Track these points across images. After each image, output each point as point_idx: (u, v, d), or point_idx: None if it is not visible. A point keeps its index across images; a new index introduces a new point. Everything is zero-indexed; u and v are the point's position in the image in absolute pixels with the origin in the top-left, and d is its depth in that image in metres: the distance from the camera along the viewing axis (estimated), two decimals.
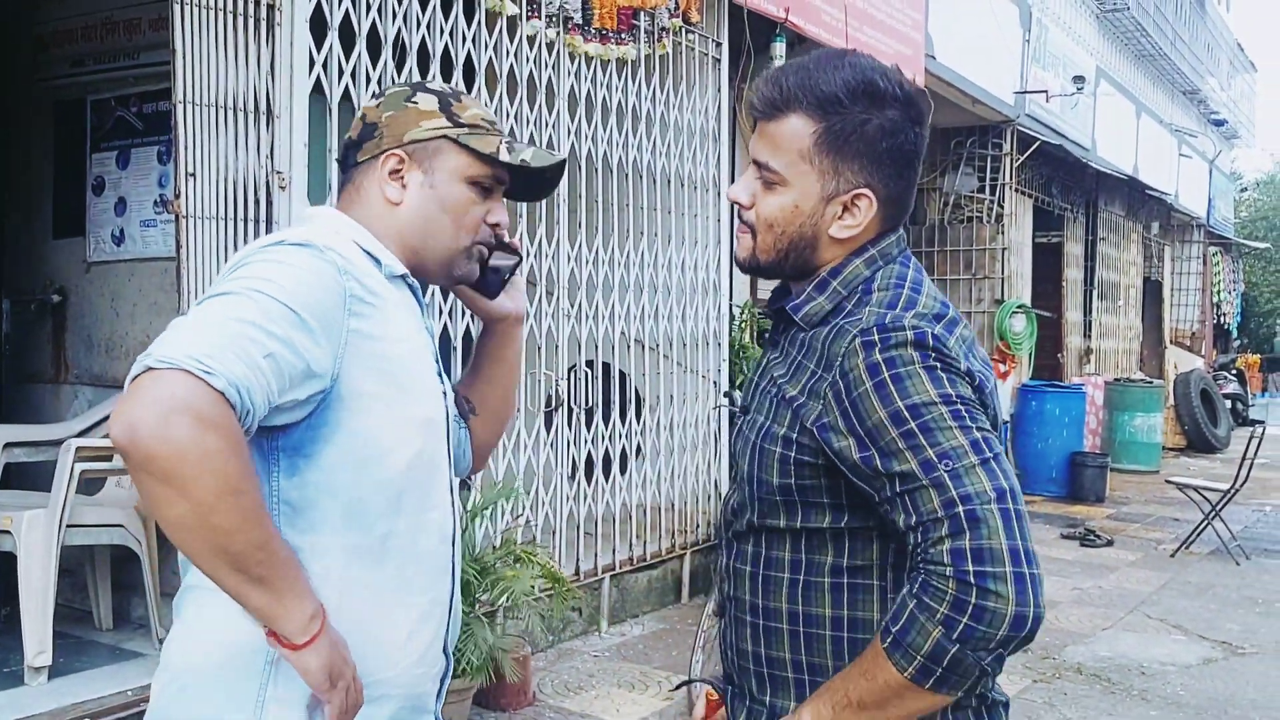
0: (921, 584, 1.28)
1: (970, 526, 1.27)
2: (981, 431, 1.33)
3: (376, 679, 1.47)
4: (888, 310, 1.40)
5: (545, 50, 5.21)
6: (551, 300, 5.37)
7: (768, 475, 1.46)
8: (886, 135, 1.43)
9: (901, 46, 7.54)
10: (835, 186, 1.45)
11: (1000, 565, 1.26)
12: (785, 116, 1.45)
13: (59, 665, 3.83)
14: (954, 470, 1.30)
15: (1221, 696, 5.03)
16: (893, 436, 1.32)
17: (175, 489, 1.23)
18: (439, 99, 1.60)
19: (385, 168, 1.58)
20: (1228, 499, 8.17)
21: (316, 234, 1.48)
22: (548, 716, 4.40)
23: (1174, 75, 16.10)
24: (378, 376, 1.44)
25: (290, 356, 1.32)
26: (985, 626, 1.26)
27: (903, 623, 1.29)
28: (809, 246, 1.48)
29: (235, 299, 1.33)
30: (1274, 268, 28.74)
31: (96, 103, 5.18)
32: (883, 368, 1.34)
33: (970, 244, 10.62)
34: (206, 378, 1.23)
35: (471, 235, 1.62)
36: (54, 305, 5.33)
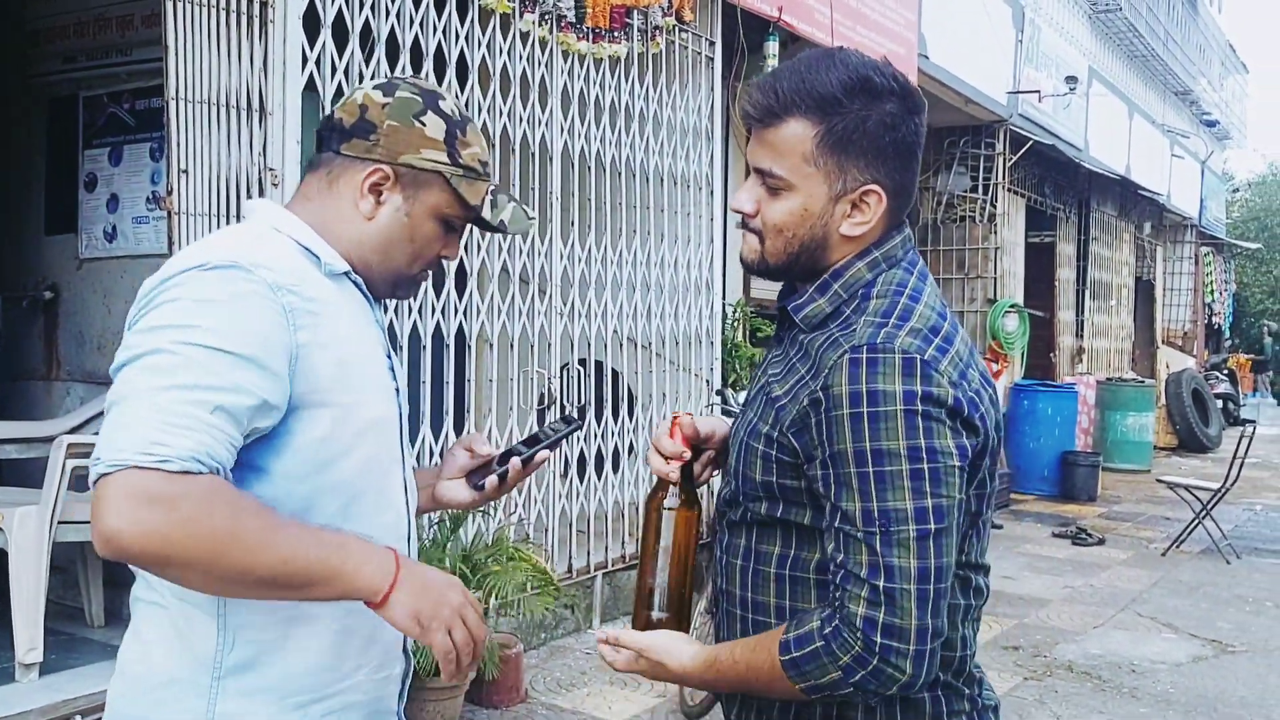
0: (834, 630, 1.34)
1: (887, 602, 1.31)
2: (936, 498, 1.33)
3: (338, 688, 1.46)
4: (881, 323, 1.39)
5: (538, 48, 5.21)
6: (544, 298, 5.38)
7: (751, 472, 1.48)
8: (888, 129, 1.42)
9: (894, 46, 7.55)
10: (842, 186, 1.44)
11: (906, 643, 1.31)
12: (784, 122, 1.43)
13: (50, 662, 3.82)
14: (888, 535, 1.32)
15: (1211, 694, 5.04)
16: (849, 472, 1.34)
17: (179, 568, 1.25)
18: (447, 128, 1.53)
19: (368, 179, 1.51)
20: (1218, 498, 8.20)
21: (244, 246, 1.41)
22: (540, 714, 4.40)
23: (1166, 76, 16.14)
24: (328, 384, 1.41)
25: (241, 399, 1.30)
26: (878, 685, 1.33)
27: (806, 653, 1.35)
28: (820, 247, 1.47)
29: (164, 360, 1.29)
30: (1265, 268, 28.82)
31: (89, 99, 5.17)
32: (864, 399, 1.33)
33: (963, 243, 10.63)
34: (161, 467, 1.23)
35: (424, 265, 1.58)
36: (46, 302, 5.32)
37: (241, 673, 1.39)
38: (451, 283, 4.87)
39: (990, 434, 1.43)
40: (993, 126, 10.33)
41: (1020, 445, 10.69)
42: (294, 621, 1.42)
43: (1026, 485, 10.63)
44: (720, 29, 6.36)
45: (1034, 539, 8.60)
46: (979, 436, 1.39)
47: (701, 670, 1.47)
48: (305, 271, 1.44)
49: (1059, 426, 10.77)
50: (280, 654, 1.41)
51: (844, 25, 6.99)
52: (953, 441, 1.34)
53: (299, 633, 1.42)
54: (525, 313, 5.26)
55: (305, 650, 1.43)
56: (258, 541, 1.26)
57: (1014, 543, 8.36)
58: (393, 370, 1.58)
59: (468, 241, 4.94)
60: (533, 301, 5.29)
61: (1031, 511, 9.84)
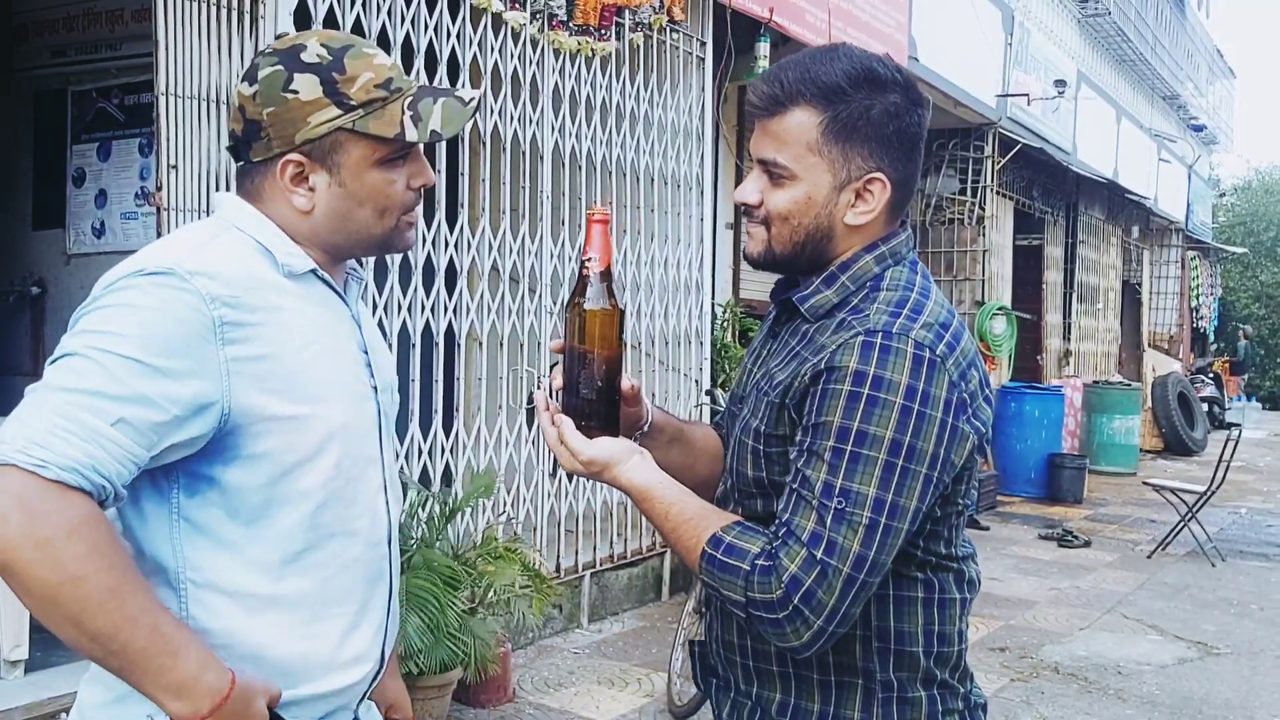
0: (765, 569, 1.34)
1: (819, 573, 1.32)
2: (899, 496, 1.34)
3: (305, 694, 1.42)
4: (896, 313, 1.40)
5: (529, 46, 5.20)
6: (534, 297, 5.37)
7: (744, 468, 1.50)
8: (892, 118, 1.44)
9: (884, 48, 7.55)
10: (847, 174, 1.45)
11: (817, 616, 1.33)
12: (789, 111, 1.44)
13: (35, 659, 3.80)
14: (841, 513, 1.33)
15: (1196, 696, 5.07)
16: (826, 445, 1.35)
17: (17, 583, 1.20)
18: (321, 78, 1.40)
19: (285, 175, 1.42)
20: (1204, 501, 8.24)
21: (190, 249, 1.35)
22: (527, 713, 4.40)
23: (1154, 80, 16.21)
24: (276, 397, 1.35)
25: (149, 412, 1.25)
26: (770, 632, 1.36)
27: (729, 563, 1.37)
28: (825, 237, 1.48)
29: (76, 363, 1.25)
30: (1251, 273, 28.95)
31: (78, 94, 5.16)
32: (867, 381, 1.34)
33: (951, 246, 10.66)
34: (38, 470, 1.18)
35: (396, 214, 1.48)
36: (33, 297, 5.30)
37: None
38: (441, 280, 4.86)
39: (980, 434, 1.44)
40: (982, 129, 10.37)
41: (1007, 447, 10.72)
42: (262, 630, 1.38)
43: (1013, 487, 10.67)
44: (711, 29, 6.36)
45: (1020, 541, 8.62)
46: (965, 441, 1.40)
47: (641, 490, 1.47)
48: (256, 276, 1.38)
49: (1046, 429, 10.81)
50: (247, 661, 1.36)
51: (835, 26, 7.00)
52: (935, 447, 1.36)
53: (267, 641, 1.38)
54: (515, 311, 5.25)
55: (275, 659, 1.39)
56: (98, 599, 1.21)
57: (1000, 544, 8.38)
58: (370, 368, 1.52)
59: (458, 240, 4.94)
60: (522, 300, 5.29)
61: (1018, 513, 9.87)
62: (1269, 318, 28.45)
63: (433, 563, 3.97)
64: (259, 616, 1.38)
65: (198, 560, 1.36)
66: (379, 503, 1.51)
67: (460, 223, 4.96)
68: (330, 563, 1.43)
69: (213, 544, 1.36)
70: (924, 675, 1.47)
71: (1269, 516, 10.40)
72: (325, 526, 1.42)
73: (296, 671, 1.41)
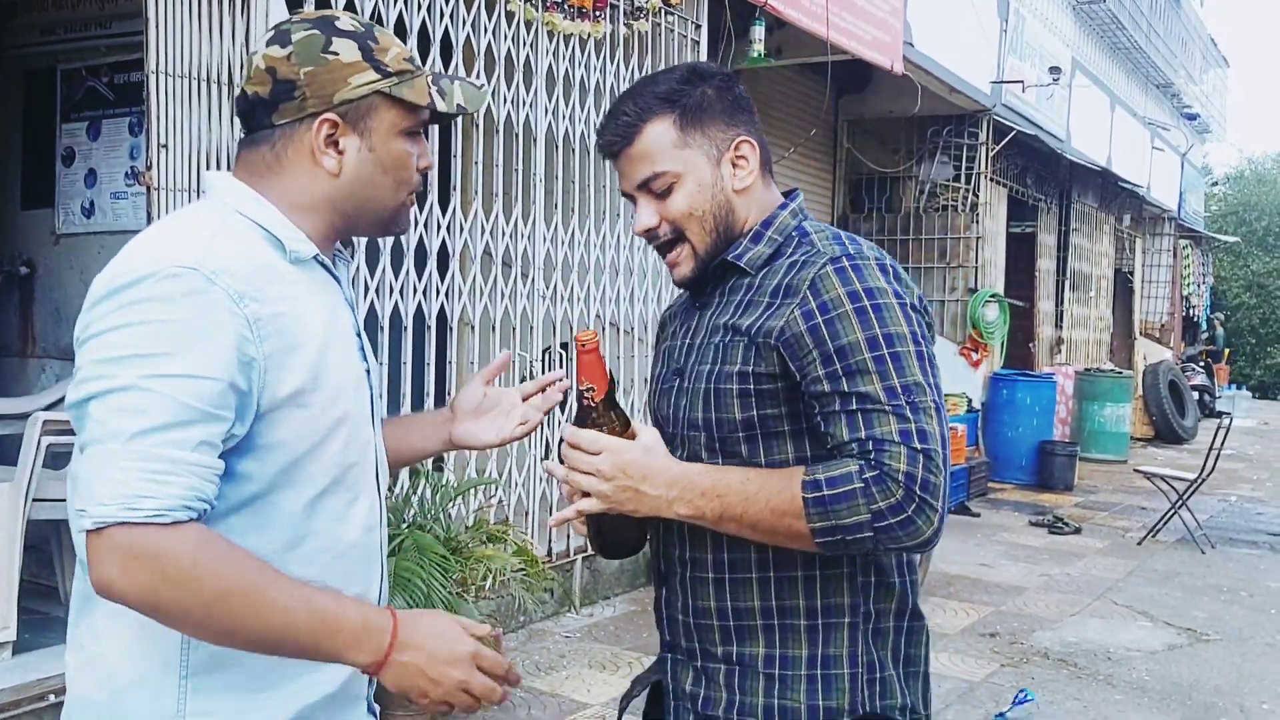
0: (875, 477, 1.40)
1: (926, 459, 1.41)
2: (935, 377, 1.48)
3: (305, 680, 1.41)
4: (841, 242, 1.55)
5: (523, 28, 5.17)
6: (526, 281, 5.35)
7: (729, 413, 1.53)
8: (727, 92, 1.61)
9: (880, 33, 7.53)
10: (717, 148, 1.59)
11: (938, 499, 1.41)
12: (643, 129, 1.57)
13: (24, 641, 3.78)
14: (915, 404, 1.43)
15: (1186, 682, 5.08)
16: (865, 358, 1.44)
17: (173, 620, 1.26)
18: (359, 45, 1.43)
19: (319, 135, 1.41)
20: (1194, 488, 8.27)
21: (203, 242, 1.32)
22: (518, 696, 4.40)
23: (1148, 69, 16.21)
24: (294, 386, 1.35)
25: (217, 427, 1.27)
26: (904, 534, 1.41)
27: (840, 491, 1.41)
28: (728, 212, 1.60)
29: (137, 399, 1.23)
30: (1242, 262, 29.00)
31: (67, 72, 5.10)
32: (863, 296, 1.47)
33: (945, 233, 10.65)
34: (152, 521, 1.21)
35: (408, 189, 1.50)
36: (22, 278, 5.26)
37: (210, 671, 1.35)
38: (433, 263, 4.84)
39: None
40: (976, 116, 10.35)
41: (998, 434, 10.74)
42: None
43: (1004, 474, 10.69)
44: (706, 12, 6.33)
45: (1011, 527, 8.64)
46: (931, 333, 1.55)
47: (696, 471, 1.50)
48: (269, 266, 1.37)
49: (1037, 416, 10.82)
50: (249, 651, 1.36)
51: (830, 11, 6.96)
52: (928, 332, 1.52)
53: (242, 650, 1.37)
54: (507, 295, 5.23)
55: None
56: (248, 605, 1.25)
57: (991, 531, 8.40)
58: (363, 351, 1.53)
59: (450, 222, 4.92)
60: (515, 284, 5.27)
61: (1009, 500, 9.89)
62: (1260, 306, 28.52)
63: (424, 546, 3.96)
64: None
65: None
66: (373, 486, 1.51)
67: (453, 205, 4.94)
68: (332, 548, 1.43)
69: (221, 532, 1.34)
70: (898, 605, 1.58)
71: (1258, 504, 10.44)
72: (328, 512, 1.42)
73: (290, 660, 1.38)
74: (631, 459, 1.49)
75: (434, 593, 3.80)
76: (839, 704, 1.53)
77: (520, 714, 4.24)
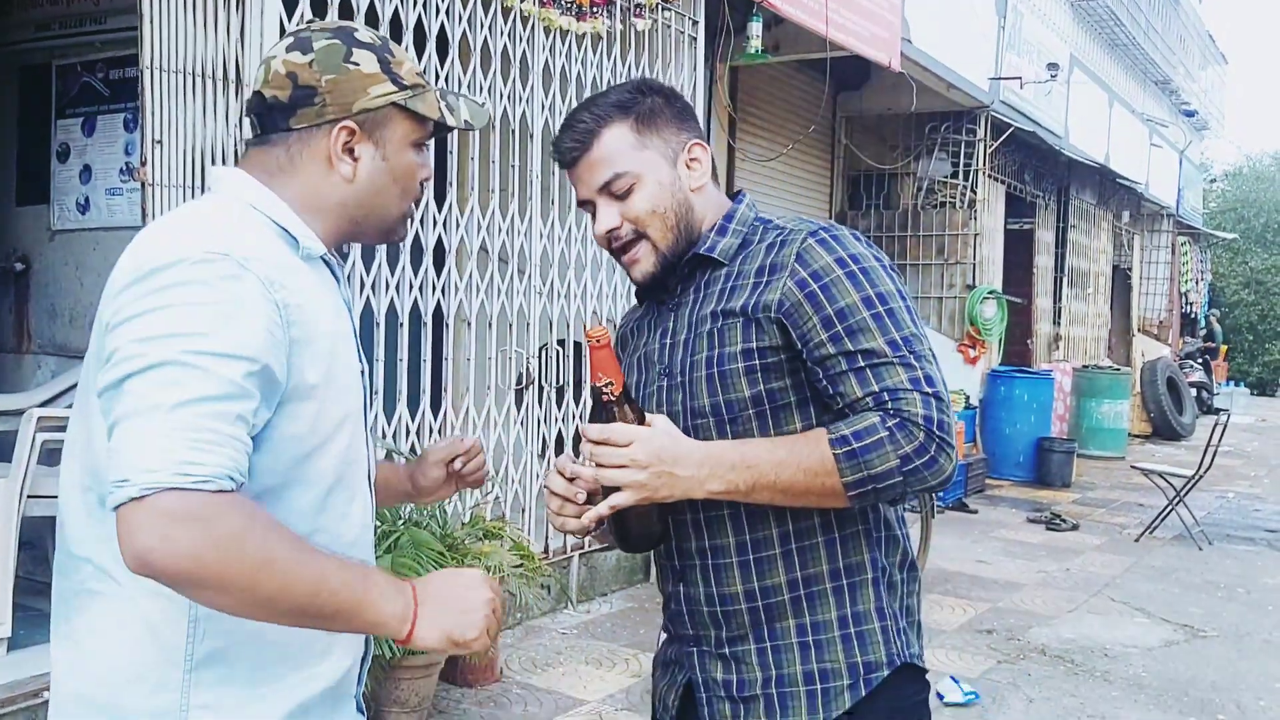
0: (898, 423, 1.48)
1: (937, 401, 1.50)
2: (921, 328, 1.58)
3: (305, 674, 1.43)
4: (811, 222, 1.63)
5: (520, 24, 5.16)
6: (523, 278, 5.34)
7: (737, 392, 1.59)
8: (673, 100, 1.71)
9: (878, 29, 7.52)
10: (673, 150, 1.67)
11: (952, 437, 1.50)
12: (600, 135, 1.64)
13: (18, 638, 3.78)
14: (916, 353, 1.53)
15: (1183, 678, 5.08)
16: (863, 317, 1.52)
17: (212, 590, 1.23)
18: (378, 57, 1.48)
19: (338, 142, 1.46)
20: (1191, 485, 8.27)
21: (229, 231, 1.36)
22: (514, 693, 4.39)
23: (1146, 65, 16.19)
24: (314, 379, 1.38)
25: (253, 405, 1.29)
26: (929, 474, 1.49)
27: (868, 442, 1.48)
28: (687, 210, 1.67)
29: (178, 372, 1.24)
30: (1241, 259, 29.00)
31: (62, 68, 5.10)
32: (849, 261, 1.56)
33: (943, 229, 10.64)
34: (201, 487, 1.21)
35: (411, 198, 1.56)
36: (17, 274, 5.25)
37: (213, 664, 1.36)
38: (429, 259, 4.83)
39: None
40: (974, 112, 10.34)
41: (996, 431, 10.74)
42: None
43: (1002, 471, 10.69)
44: (704, 8, 6.32)
45: (1009, 524, 8.64)
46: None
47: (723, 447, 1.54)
48: (286, 259, 1.40)
49: (1035, 413, 10.82)
50: (251, 644, 1.38)
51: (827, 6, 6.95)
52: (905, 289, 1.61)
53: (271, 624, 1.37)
54: (503, 291, 5.22)
55: (277, 643, 1.39)
56: (289, 570, 1.25)
57: (989, 527, 8.40)
58: (359, 353, 1.54)
59: (446, 218, 4.91)
60: (511, 280, 5.26)
61: (1006, 497, 9.89)
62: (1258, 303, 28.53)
63: (420, 543, 3.95)
64: None
65: None
66: (366, 486, 1.54)
67: (449, 201, 4.93)
68: (333, 544, 1.44)
69: None
70: (902, 557, 1.67)
71: (1256, 501, 10.45)
72: (333, 508, 1.44)
73: (293, 655, 1.41)
74: (663, 444, 1.51)
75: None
76: (876, 657, 1.60)
77: (516, 710, 4.24)
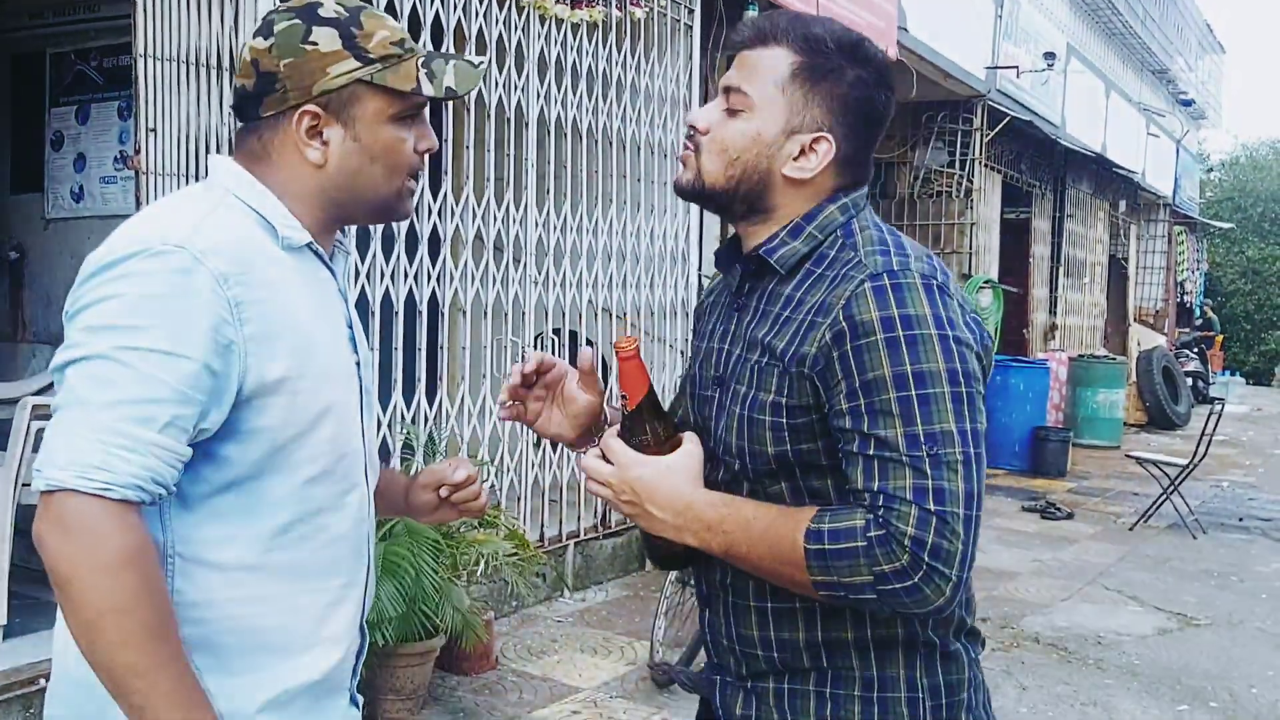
0: (880, 537, 1.28)
1: (939, 524, 1.28)
2: (974, 422, 1.32)
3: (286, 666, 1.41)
4: (886, 252, 1.39)
5: (515, 12, 5.15)
6: (519, 267, 5.34)
7: (761, 446, 1.42)
8: (859, 86, 1.45)
9: (874, 18, 7.51)
10: (800, 121, 1.44)
11: (951, 568, 1.28)
12: (769, 46, 1.45)
13: (14, 626, 3.78)
14: (936, 457, 1.29)
15: (1176, 666, 5.10)
16: (889, 398, 1.31)
17: (70, 603, 1.23)
18: (340, 32, 1.41)
19: (300, 127, 1.41)
20: (1186, 474, 8.28)
21: (194, 222, 1.32)
22: (510, 680, 4.41)
23: (1143, 54, 16.17)
24: (279, 373, 1.34)
25: (188, 408, 1.26)
26: (909, 601, 1.29)
27: (841, 547, 1.29)
28: (762, 181, 1.46)
29: (108, 368, 1.23)
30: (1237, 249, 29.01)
31: (56, 56, 5.09)
32: (897, 324, 1.32)
33: (939, 219, 10.65)
34: (103, 494, 1.21)
35: (404, 175, 1.48)
36: (12, 262, 5.25)
37: (189, 653, 1.34)
38: (425, 248, 4.83)
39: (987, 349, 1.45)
40: (971, 102, 10.33)
41: (992, 420, 10.71)
42: (245, 602, 1.37)
43: (997, 460, 10.69)
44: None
45: (1004, 513, 8.66)
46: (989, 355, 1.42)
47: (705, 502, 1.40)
48: (258, 250, 1.36)
49: (1030, 402, 10.84)
50: (229, 634, 1.37)
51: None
52: (976, 366, 1.36)
53: (249, 613, 1.38)
54: (499, 280, 5.22)
55: (256, 630, 1.39)
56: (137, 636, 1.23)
57: (984, 516, 8.35)
58: (353, 342, 1.51)
59: (441, 207, 4.90)
60: (506, 269, 5.26)
61: (1002, 486, 9.91)
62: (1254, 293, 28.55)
63: (415, 531, 3.96)
64: (243, 589, 1.37)
65: (186, 534, 1.35)
66: (362, 477, 1.51)
67: (444, 190, 4.93)
68: (317, 536, 1.43)
69: (203, 518, 1.35)
70: (957, 625, 1.46)
71: (1250, 490, 10.47)
72: (315, 500, 1.41)
73: (274, 645, 1.40)
74: (637, 477, 1.42)
75: (425, 577, 3.80)
76: None
77: (512, 698, 4.25)
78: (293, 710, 1.42)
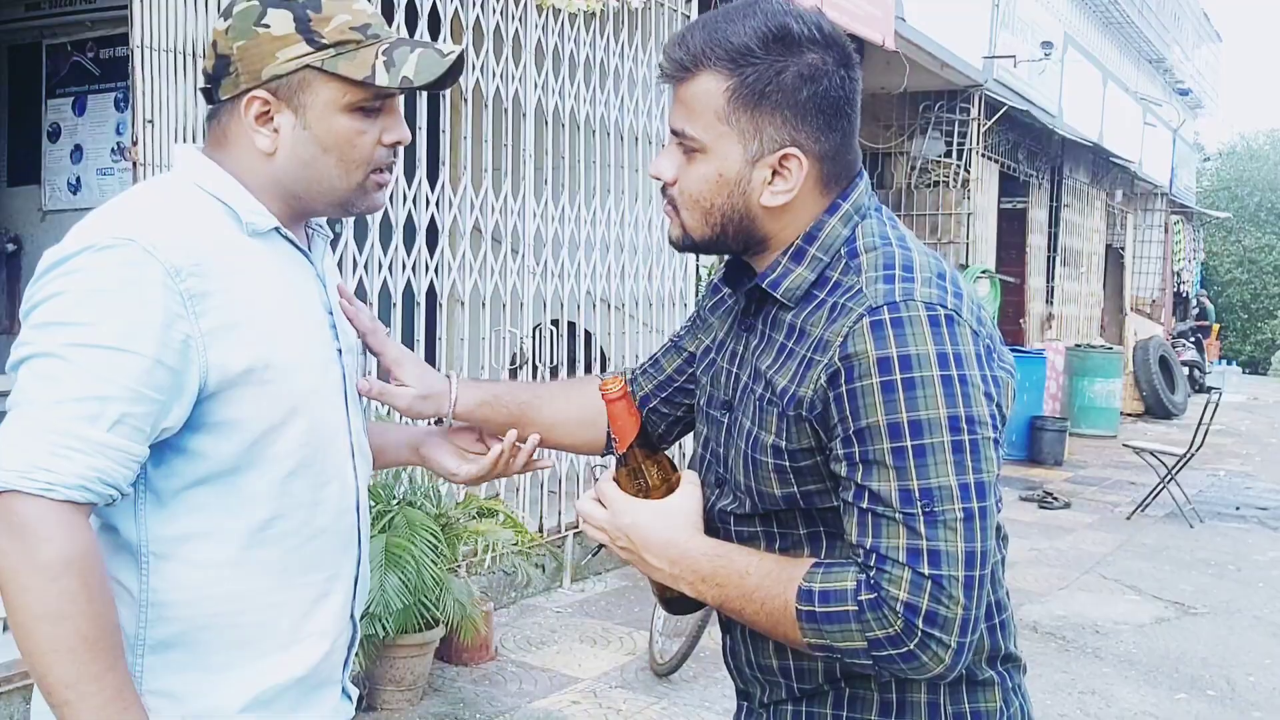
0: (873, 601, 1.20)
1: (933, 589, 1.19)
2: (978, 474, 1.22)
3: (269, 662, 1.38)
4: (890, 277, 1.26)
5: (512, 2, 5.14)
6: (516, 258, 5.34)
7: (768, 488, 1.33)
8: (807, 82, 1.28)
9: (871, 8, 7.49)
10: (759, 148, 1.29)
11: (949, 634, 1.19)
12: (695, 76, 1.30)
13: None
14: (932, 515, 1.20)
15: (1173, 654, 5.12)
16: (883, 448, 1.21)
17: (6, 603, 1.20)
18: (295, 15, 1.35)
19: (250, 113, 1.36)
20: (1183, 463, 8.30)
21: (150, 213, 1.30)
22: (509, 671, 4.42)
23: (1140, 43, 16.16)
24: (244, 364, 1.30)
25: (141, 405, 1.23)
26: (906, 668, 1.22)
27: (833, 610, 1.22)
28: (744, 219, 1.33)
29: (55, 366, 1.20)
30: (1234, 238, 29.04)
31: (52, 47, 5.07)
32: (894, 365, 1.20)
33: (936, 209, 10.63)
34: (46, 494, 1.18)
35: (364, 169, 1.40)
36: (9, 254, 5.24)
37: (166, 650, 1.33)
38: (422, 239, 4.82)
39: (1011, 375, 1.37)
40: (968, 91, 10.31)
41: None
42: (225, 599, 1.34)
43: None
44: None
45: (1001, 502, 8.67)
46: (1006, 387, 1.31)
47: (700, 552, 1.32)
48: (218, 239, 1.32)
49: (1027, 392, 10.85)
50: (208, 631, 1.34)
51: None
52: (987, 409, 1.24)
53: (229, 610, 1.35)
54: (497, 271, 5.22)
55: (237, 627, 1.36)
56: (71, 645, 1.19)
57: None
58: (334, 329, 1.47)
59: (439, 198, 4.90)
60: (504, 260, 5.25)
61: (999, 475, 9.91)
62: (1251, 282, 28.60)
63: (414, 522, 3.96)
64: (222, 585, 1.34)
65: (161, 531, 1.32)
66: (347, 469, 1.47)
67: (441, 181, 4.92)
68: (299, 531, 1.39)
69: (179, 513, 1.32)
70: (990, 652, 1.36)
71: (1247, 479, 10.49)
72: (294, 494, 1.38)
73: (256, 641, 1.37)
74: (631, 524, 1.36)
75: (424, 568, 3.81)
76: None
77: (511, 688, 4.26)
78: (279, 706, 1.39)
